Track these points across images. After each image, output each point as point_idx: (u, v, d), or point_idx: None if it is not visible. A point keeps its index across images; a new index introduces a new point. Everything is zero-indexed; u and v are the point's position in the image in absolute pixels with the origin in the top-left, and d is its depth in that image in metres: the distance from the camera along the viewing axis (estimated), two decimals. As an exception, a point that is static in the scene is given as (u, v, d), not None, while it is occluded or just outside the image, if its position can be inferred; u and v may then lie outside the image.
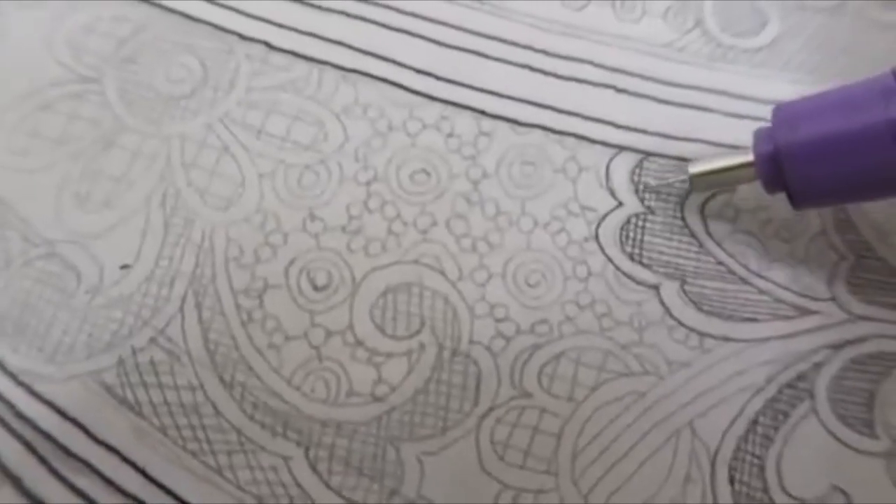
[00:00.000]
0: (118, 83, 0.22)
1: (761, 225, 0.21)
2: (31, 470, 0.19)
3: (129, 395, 0.19)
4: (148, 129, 0.22)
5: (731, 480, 0.19)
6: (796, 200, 0.19)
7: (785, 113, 0.19)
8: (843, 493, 0.19)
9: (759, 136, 0.20)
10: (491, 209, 0.21)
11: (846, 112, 0.18)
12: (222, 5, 0.23)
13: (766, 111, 0.22)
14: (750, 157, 0.20)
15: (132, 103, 0.22)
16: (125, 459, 0.19)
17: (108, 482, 0.19)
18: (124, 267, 0.20)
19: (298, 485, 0.19)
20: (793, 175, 0.19)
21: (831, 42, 0.23)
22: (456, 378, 0.20)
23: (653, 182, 0.22)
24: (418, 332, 0.20)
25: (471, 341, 0.20)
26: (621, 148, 0.22)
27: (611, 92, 0.22)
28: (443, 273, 0.21)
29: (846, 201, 0.21)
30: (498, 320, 0.20)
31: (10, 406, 0.19)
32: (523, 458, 0.19)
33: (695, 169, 0.20)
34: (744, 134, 0.22)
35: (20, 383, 0.19)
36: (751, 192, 0.21)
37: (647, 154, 0.22)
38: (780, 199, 0.21)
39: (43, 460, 0.19)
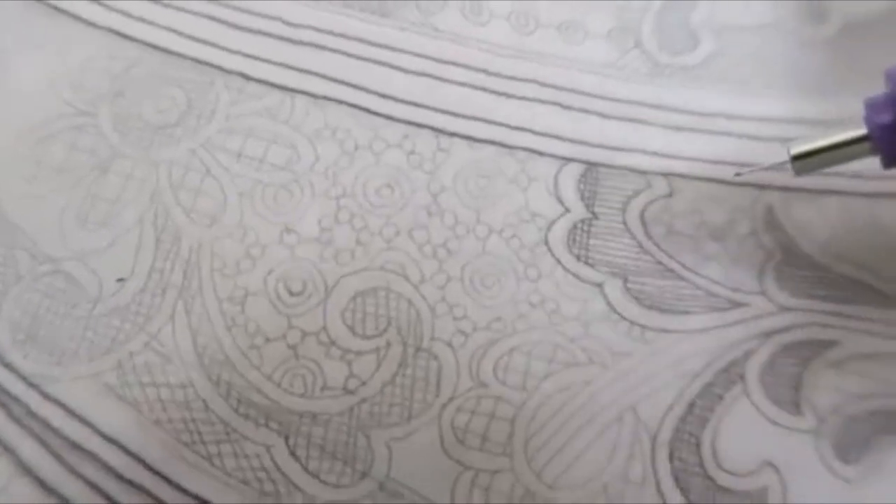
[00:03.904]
0: (112, 116, 0.24)
1: (696, 227, 0.22)
2: (45, 462, 0.20)
3: (128, 394, 0.21)
4: (139, 155, 0.23)
5: (671, 458, 0.20)
6: None
7: None
8: (773, 466, 0.20)
9: (874, 105, 0.17)
10: (449, 219, 0.23)
11: None
12: (204, 42, 0.25)
13: (702, 122, 0.24)
14: (862, 131, 0.17)
15: (125, 133, 0.24)
16: (127, 451, 0.20)
17: (113, 471, 0.20)
18: (120, 280, 0.22)
19: (280, 469, 0.20)
20: None
21: (765, 58, 0.24)
22: (420, 372, 0.21)
23: (743, 171, 0.20)
24: (385, 331, 0.22)
25: (432, 338, 0.21)
26: (568, 159, 0.23)
27: (557, 108, 0.24)
28: (406, 278, 0.22)
29: None
30: (457, 319, 0.22)
31: (24, 406, 0.21)
32: (481, 442, 0.20)
33: (797, 149, 0.18)
34: (682, 144, 0.23)
35: (32, 385, 0.21)
36: (685, 198, 0.23)
37: (592, 164, 0.23)
38: (712, 201, 0.22)
39: (55, 454, 0.20)
